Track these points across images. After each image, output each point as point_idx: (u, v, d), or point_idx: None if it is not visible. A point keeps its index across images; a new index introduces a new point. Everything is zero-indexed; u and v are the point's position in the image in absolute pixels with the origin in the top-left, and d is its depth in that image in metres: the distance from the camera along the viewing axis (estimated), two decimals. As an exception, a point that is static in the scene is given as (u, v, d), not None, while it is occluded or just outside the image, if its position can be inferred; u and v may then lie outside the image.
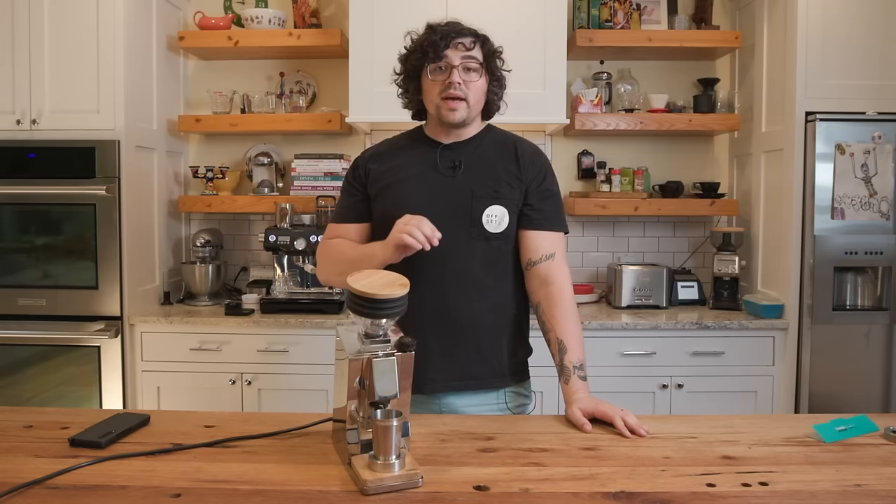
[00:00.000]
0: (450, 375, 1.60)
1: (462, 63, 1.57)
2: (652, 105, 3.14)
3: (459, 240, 1.58)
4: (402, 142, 1.74)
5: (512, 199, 1.61)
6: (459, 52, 1.57)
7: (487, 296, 1.61)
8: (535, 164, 1.66)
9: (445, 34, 1.56)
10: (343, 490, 1.10)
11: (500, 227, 1.60)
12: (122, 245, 2.78)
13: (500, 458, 1.25)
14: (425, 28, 1.62)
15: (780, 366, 2.80)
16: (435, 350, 1.58)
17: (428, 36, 1.58)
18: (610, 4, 3.10)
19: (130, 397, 2.81)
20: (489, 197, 1.59)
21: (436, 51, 1.56)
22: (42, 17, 2.74)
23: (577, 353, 1.57)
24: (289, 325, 2.78)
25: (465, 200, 1.59)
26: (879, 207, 2.70)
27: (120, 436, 1.30)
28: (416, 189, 1.61)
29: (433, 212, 1.55)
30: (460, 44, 1.57)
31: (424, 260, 1.55)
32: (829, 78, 2.72)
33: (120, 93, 2.75)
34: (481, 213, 1.59)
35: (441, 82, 1.58)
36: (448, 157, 1.64)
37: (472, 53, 1.58)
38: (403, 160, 1.67)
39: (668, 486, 1.12)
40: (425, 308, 1.57)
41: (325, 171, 3.14)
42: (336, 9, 3.32)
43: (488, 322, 1.62)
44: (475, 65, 1.58)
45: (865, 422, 1.36)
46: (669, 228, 3.39)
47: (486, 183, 1.61)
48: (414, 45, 1.62)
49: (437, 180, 1.62)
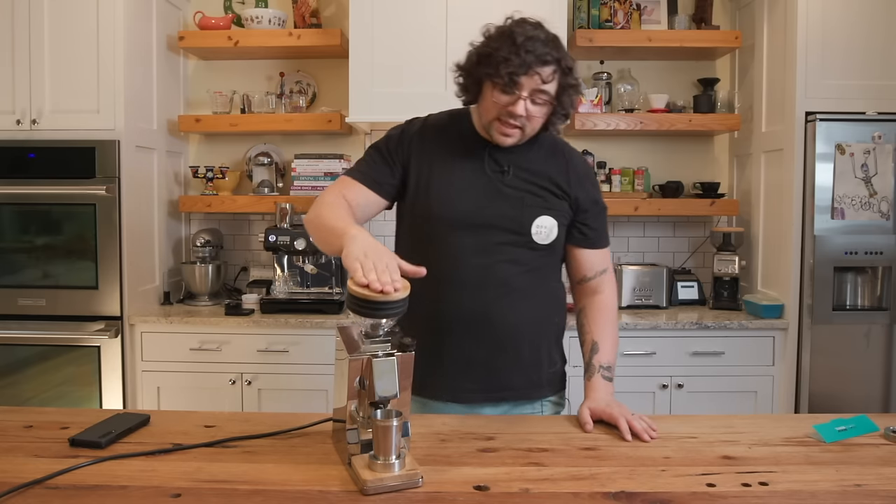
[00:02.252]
0: (488, 386, 1.56)
1: (532, 95, 1.42)
2: (652, 105, 3.14)
3: (504, 249, 1.52)
4: (450, 130, 1.59)
5: (561, 211, 1.55)
6: (534, 82, 1.40)
7: (529, 306, 1.56)
8: (587, 180, 1.60)
9: (526, 58, 1.38)
10: (343, 490, 1.10)
11: (549, 239, 1.54)
12: (122, 245, 2.77)
13: (500, 458, 1.24)
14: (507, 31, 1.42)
15: (780, 366, 2.80)
16: (473, 359, 1.54)
17: (506, 53, 1.39)
18: (610, 4, 3.10)
19: (130, 397, 2.81)
20: (539, 207, 1.53)
21: (509, 75, 1.39)
22: (42, 18, 2.74)
23: (608, 356, 1.56)
24: (289, 325, 2.78)
25: (514, 209, 1.52)
26: (879, 207, 2.70)
27: (120, 436, 1.30)
28: (462, 192, 1.53)
29: (480, 218, 1.50)
30: (538, 74, 1.40)
31: (465, 265, 1.51)
32: (829, 78, 2.72)
33: (120, 93, 2.75)
34: (531, 223, 1.52)
35: (502, 105, 1.43)
36: (496, 160, 1.54)
37: (545, 87, 1.42)
38: (449, 153, 1.56)
39: (668, 486, 1.12)
40: (464, 316, 1.53)
41: (325, 171, 3.14)
42: (336, 9, 3.32)
43: (528, 332, 1.57)
44: (545, 100, 1.44)
45: (865, 422, 1.36)
46: (669, 228, 3.39)
47: (536, 192, 1.53)
48: (487, 49, 1.43)
49: (486, 184, 1.53)
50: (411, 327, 1.58)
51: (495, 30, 1.45)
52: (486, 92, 1.46)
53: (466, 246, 1.51)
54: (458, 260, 1.51)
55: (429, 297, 1.50)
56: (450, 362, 1.55)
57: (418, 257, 1.51)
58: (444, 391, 1.56)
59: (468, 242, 1.51)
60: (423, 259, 1.49)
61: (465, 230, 1.52)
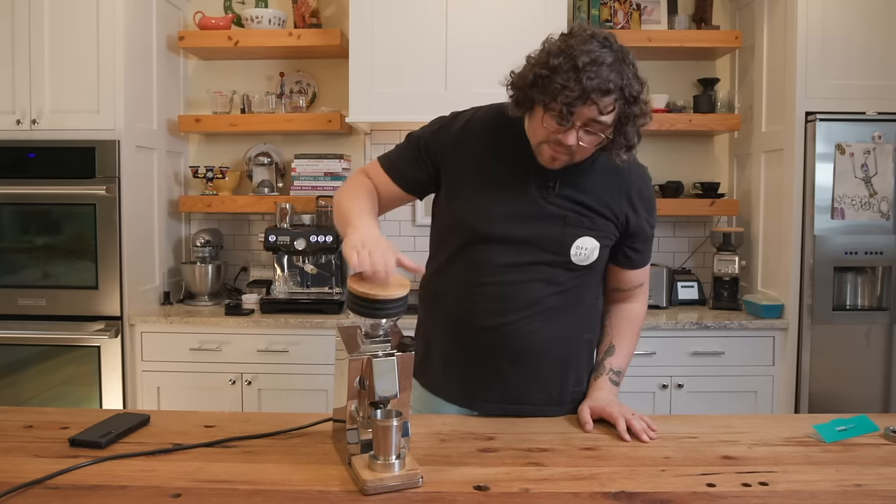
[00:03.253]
0: (503, 398, 1.50)
1: (585, 125, 1.29)
2: (652, 105, 3.13)
3: (539, 268, 1.44)
4: (499, 128, 1.47)
5: (607, 232, 1.46)
6: (591, 112, 1.26)
7: (558, 325, 1.48)
8: (642, 203, 1.48)
9: (584, 88, 1.23)
10: (343, 490, 1.10)
11: (589, 261, 1.44)
12: (122, 245, 2.77)
13: (500, 458, 1.24)
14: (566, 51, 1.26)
15: (780, 366, 2.80)
16: (489, 369, 1.49)
17: (564, 78, 1.24)
18: (610, 4, 3.10)
19: (130, 397, 2.81)
20: (582, 227, 1.43)
21: (565, 105, 1.25)
22: (42, 18, 2.74)
23: (622, 361, 1.53)
24: (289, 325, 2.78)
25: (554, 228, 1.42)
26: (879, 207, 2.70)
27: (120, 436, 1.30)
28: (501, 205, 1.43)
29: (516, 234, 1.42)
30: (595, 105, 1.25)
31: (497, 277, 1.44)
32: (828, 78, 2.72)
33: (120, 93, 2.75)
34: (571, 244, 1.42)
35: (552, 132, 1.31)
36: (543, 174, 1.42)
37: (603, 119, 1.27)
38: (493, 157, 1.45)
39: (668, 486, 1.12)
40: (487, 325, 1.46)
41: (325, 171, 3.14)
42: (336, 9, 3.32)
43: (555, 350, 1.50)
44: (598, 128, 1.30)
45: (865, 422, 1.36)
46: (669, 228, 3.39)
47: (581, 212, 1.43)
48: (543, 70, 1.27)
49: (527, 199, 1.42)
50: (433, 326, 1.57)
51: (557, 45, 1.29)
52: (537, 113, 1.34)
53: (499, 260, 1.44)
54: (488, 272, 1.44)
55: (453, 302, 1.49)
56: (467, 369, 1.51)
57: (448, 260, 1.50)
58: (459, 396, 1.53)
59: (501, 257, 1.44)
60: (452, 263, 1.49)
61: (498, 244, 1.44)
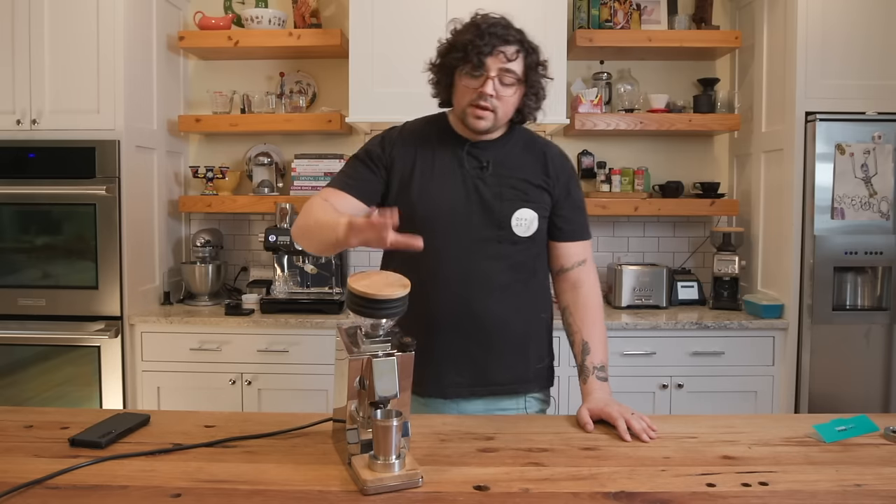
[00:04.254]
0: (473, 380, 1.58)
1: (498, 75, 1.49)
2: (652, 105, 3.14)
3: (487, 242, 1.55)
4: (429, 132, 1.64)
5: (541, 203, 1.59)
6: (499, 61, 1.48)
7: (514, 300, 1.59)
8: (565, 173, 1.63)
9: (489, 40, 1.46)
10: (343, 490, 1.10)
11: (530, 231, 1.57)
12: (122, 245, 2.77)
13: (500, 458, 1.25)
14: (471, 22, 1.51)
15: (780, 366, 2.80)
16: (457, 354, 1.56)
17: (471, 36, 1.48)
18: (610, 4, 3.10)
19: (130, 397, 2.81)
20: (519, 200, 1.56)
21: (475, 55, 1.46)
22: (42, 17, 2.74)
23: (600, 355, 1.56)
24: (289, 325, 2.78)
25: (493, 202, 1.55)
26: (879, 207, 2.70)
27: (120, 436, 1.30)
28: (442, 189, 1.57)
29: (461, 212, 1.54)
30: (502, 53, 1.47)
31: (449, 262, 1.54)
32: (828, 78, 2.72)
33: (120, 93, 2.75)
34: (510, 216, 1.55)
35: (473, 89, 1.50)
36: (475, 156, 1.59)
37: (511, 66, 1.49)
38: (430, 153, 1.60)
39: (668, 486, 1.12)
40: (448, 311, 1.55)
41: (325, 171, 3.14)
42: (336, 9, 3.32)
43: (514, 327, 1.59)
44: (512, 79, 1.50)
45: (865, 422, 1.36)
46: (669, 228, 3.39)
47: (515, 185, 1.57)
48: (455, 39, 1.52)
49: (465, 180, 1.57)
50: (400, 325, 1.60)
51: (461, 24, 1.53)
52: (458, 82, 1.53)
53: (449, 243, 1.54)
54: (442, 257, 1.53)
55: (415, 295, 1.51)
56: (437, 359, 1.56)
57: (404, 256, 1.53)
58: (433, 387, 1.58)
59: (450, 239, 1.54)
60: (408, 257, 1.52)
61: (446, 227, 1.54)
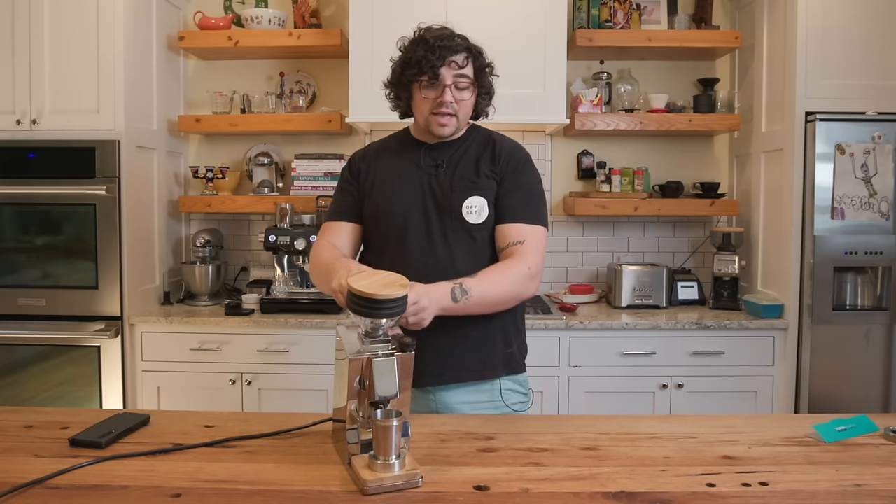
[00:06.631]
0: (441, 368, 1.63)
1: (454, 82, 1.60)
2: (652, 105, 3.14)
3: (444, 233, 1.63)
4: (390, 143, 1.79)
5: (490, 190, 1.65)
6: (452, 70, 1.59)
7: None
8: (511, 159, 1.69)
9: (440, 52, 1.58)
10: (343, 490, 1.10)
11: (481, 218, 1.64)
12: (122, 245, 2.77)
13: (500, 458, 1.25)
14: (418, 38, 1.63)
15: (780, 366, 2.80)
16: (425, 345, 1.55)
17: (422, 52, 1.59)
18: (610, 4, 3.10)
19: (130, 397, 2.81)
20: (468, 188, 1.64)
21: (430, 69, 1.58)
22: (42, 17, 2.74)
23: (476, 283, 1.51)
24: (289, 325, 2.78)
25: (445, 194, 1.65)
26: (879, 207, 2.70)
27: (120, 436, 1.31)
28: (401, 187, 1.67)
29: (417, 207, 1.64)
30: (453, 62, 1.59)
31: (410, 254, 1.62)
32: (828, 78, 2.72)
33: (120, 93, 2.75)
34: (461, 204, 1.63)
35: (432, 99, 1.61)
36: (431, 157, 1.69)
37: (464, 72, 1.61)
38: (391, 160, 1.73)
39: (668, 486, 1.12)
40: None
41: (325, 171, 3.14)
42: (336, 9, 3.32)
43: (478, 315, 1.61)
44: (466, 83, 1.62)
45: (865, 422, 1.37)
46: (669, 228, 3.39)
47: (466, 176, 1.66)
48: (407, 56, 1.63)
49: (421, 178, 1.67)
50: None
51: (409, 41, 1.65)
52: (416, 94, 1.64)
53: (409, 236, 1.64)
54: (404, 250, 1.63)
55: None
56: None
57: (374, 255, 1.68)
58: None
59: (410, 232, 1.64)
60: (377, 256, 1.67)
61: (405, 221, 1.64)
